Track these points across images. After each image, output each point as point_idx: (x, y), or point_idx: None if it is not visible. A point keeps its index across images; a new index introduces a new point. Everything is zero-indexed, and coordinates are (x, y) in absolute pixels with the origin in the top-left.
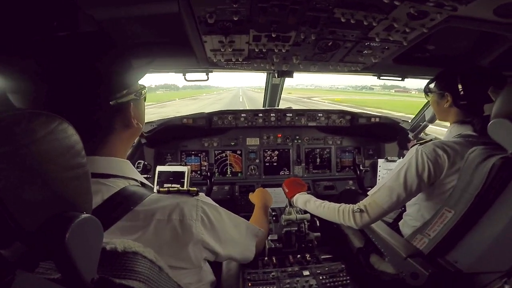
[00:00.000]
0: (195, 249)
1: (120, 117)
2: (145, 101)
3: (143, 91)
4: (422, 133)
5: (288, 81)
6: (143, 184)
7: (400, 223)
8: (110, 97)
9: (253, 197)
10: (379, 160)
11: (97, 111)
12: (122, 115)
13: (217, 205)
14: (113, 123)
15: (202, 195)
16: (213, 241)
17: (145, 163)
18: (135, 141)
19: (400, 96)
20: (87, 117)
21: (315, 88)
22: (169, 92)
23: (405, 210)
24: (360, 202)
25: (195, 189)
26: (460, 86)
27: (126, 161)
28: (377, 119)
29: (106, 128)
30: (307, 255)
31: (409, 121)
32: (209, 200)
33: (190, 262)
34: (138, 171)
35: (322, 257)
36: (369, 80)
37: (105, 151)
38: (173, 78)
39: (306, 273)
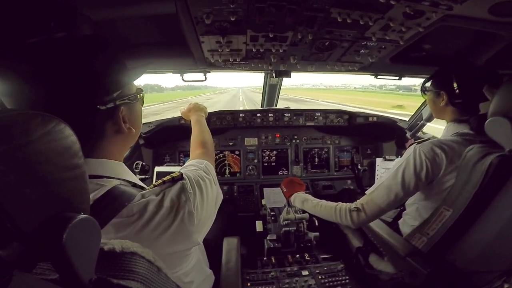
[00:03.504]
0: (188, 223)
1: (110, 122)
2: (142, 104)
3: (138, 95)
4: (419, 132)
5: (292, 81)
6: (135, 185)
7: (399, 222)
8: (97, 100)
9: (185, 113)
10: (377, 159)
11: (86, 115)
12: (112, 120)
13: (197, 178)
14: (103, 127)
15: (186, 173)
16: (200, 207)
17: (143, 163)
18: None
19: None
20: (76, 121)
21: (327, 88)
22: (151, 94)
23: (404, 209)
24: (357, 200)
25: (177, 173)
26: (455, 85)
27: (119, 163)
28: (375, 119)
29: (97, 132)
30: (306, 255)
31: (407, 120)
32: (190, 177)
33: (188, 239)
34: (136, 172)
35: (321, 256)
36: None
37: (99, 153)
38: (156, 78)
39: (305, 272)
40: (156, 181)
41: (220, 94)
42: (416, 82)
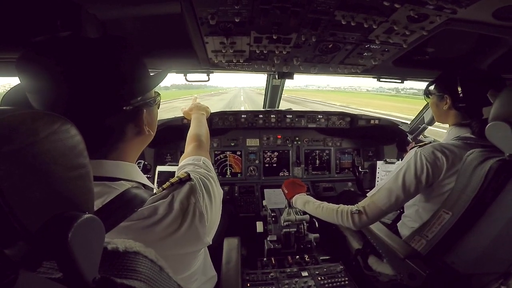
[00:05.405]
0: (199, 225)
1: (132, 124)
2: (158, 108)
3: (157, 98)
4: (421, 135)
5: (296, 82)
6: (145, 187)
7: (398, 225)
8: (124, 102)
9: (187, 112)
10: (378, 162)
11: (110, 116)
12: (135, 122)
13: (202, 178)
14: (125, 129)
15: (192, 174)
16: (209, 208)
17: (145, 163)
18: None
19: None
20: (100, 122)
21: (335, 90)
22: None
23: (403, 212)
24: (359, 203)
25: (185, 174)
26: (459, 89)
27: (133, 165)
28: (377, 121)
29: (117, 134)
30: (306, 256)
31: (408, 123)
32: (197, 178)
33: (199, 241)
34: None
35: (320, 258)
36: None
37: (115, 155)
38: None
39: (304, 273)
40: (157, 181)
41: (212, 96)
42: None
